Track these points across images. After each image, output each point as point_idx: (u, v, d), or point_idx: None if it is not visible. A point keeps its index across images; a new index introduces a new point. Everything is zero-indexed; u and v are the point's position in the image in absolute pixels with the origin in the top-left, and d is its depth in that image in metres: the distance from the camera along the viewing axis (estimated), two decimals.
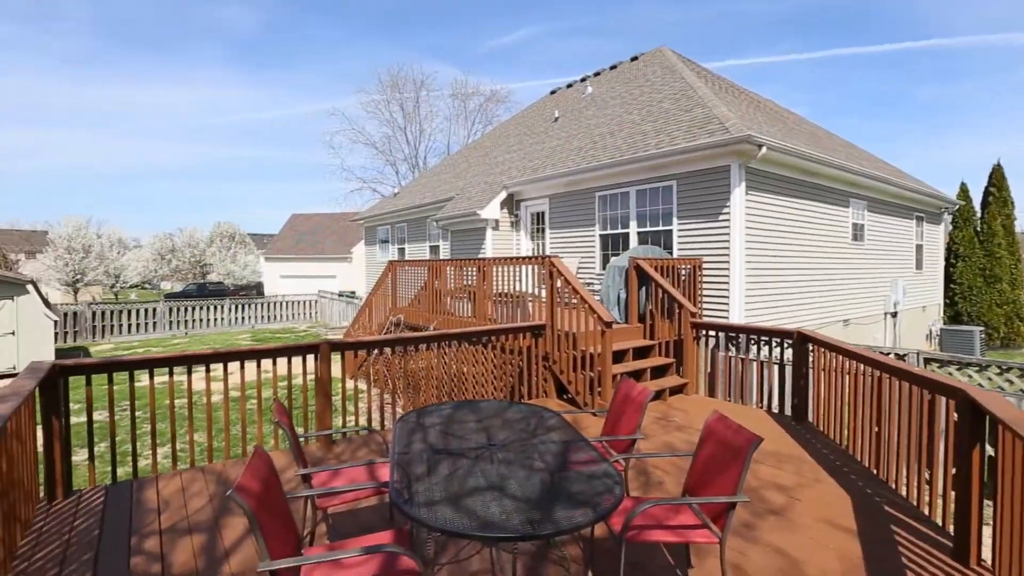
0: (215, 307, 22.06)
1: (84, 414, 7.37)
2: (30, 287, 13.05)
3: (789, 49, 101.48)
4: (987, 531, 2.91)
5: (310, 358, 4.72)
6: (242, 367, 4.41)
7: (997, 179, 16.11)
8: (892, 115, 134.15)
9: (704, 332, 6.74)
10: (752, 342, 6.25)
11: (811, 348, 5.28)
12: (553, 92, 18.57)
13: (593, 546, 2.92)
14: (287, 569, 2.02)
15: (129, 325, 19.77)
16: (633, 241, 9.69)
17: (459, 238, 13.82)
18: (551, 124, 14.96)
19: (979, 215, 16.29)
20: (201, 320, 21.45)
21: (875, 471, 4.08)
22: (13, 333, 12.68)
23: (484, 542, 2.77)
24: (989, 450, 3.36)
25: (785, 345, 5.75)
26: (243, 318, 22.62)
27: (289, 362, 4.70)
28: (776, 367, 5.89)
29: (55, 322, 13.57)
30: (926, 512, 3.46)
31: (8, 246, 36.89)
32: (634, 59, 15.17)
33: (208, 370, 4.35)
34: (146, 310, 20.30)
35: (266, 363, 6.00)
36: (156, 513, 3.53)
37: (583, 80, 16.96)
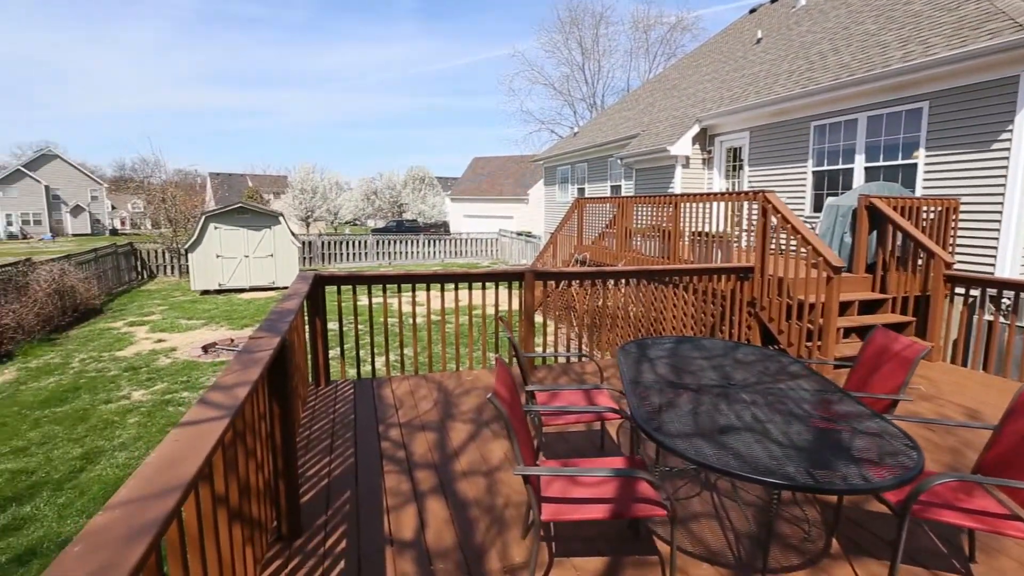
0: (411, 241, 24.57)
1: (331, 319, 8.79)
2: (281, 219, 15.78)
3: None
4: None
5: (513, 285, 4.92)
6: (456, 289, 4.77)
7: None
8: None
9: (964, 288, 5.54)
10: None
11: None
12: (753, 11, 16.30)
13: (840, 512, 2.61)
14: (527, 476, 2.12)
15: (346, 254, 23.02)
16: (858, 178, 8.24)
17: (644, 177, 13.19)
18: (752, 47, 13.17)
19: None
20: (400, 252, 24.11)
21: None
22: (271, 255, 15.60)
23: (763, 487, 2.61)
24: None
25: None
26: (433, 252, 24.86)
27: (496, 288, 4.95)
28: None
29: (298, 248, 16.34)
30: None
31: (262, 188, 45.14)
32: None
33: (429, 289, 4.77)
34: (359, 242, 23.41)
35: (459, 289, 6.46)
36: (394, 409, 4.05)
37: None
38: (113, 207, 56.83)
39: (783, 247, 5.77)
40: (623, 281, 5.62)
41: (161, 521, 0.97)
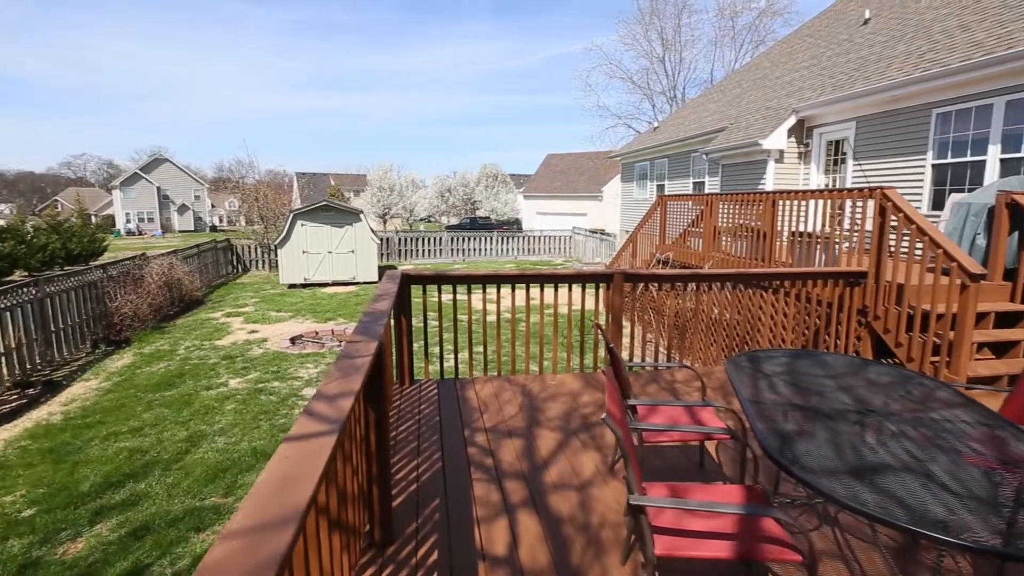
0: (485, 238, 24.78)
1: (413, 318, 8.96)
2: (362, 216, 16.35)
3: None
4: None
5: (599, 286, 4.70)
6: (541, 289, 4.62)
7: None
8: None
9: None
10: None
11: None
12: None
13: (1004, 571, 2.21)
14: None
15: (422, 251, 23.57)
16: (991, 172, 7.29)
17: (732, 173, 12.46)
18: (858, 29, 12.05)
19: None
20: (474, 249, 24.37)
21: None
22: (353, 251, 16.22)
23: (950, 548, 2.29)
24: None
25: None
26: (506, 249, 24.94)
27: (583, 289, 4.75)
28: None
29: (377, 244, 16.89)
30: None
31: (343, 186, 47.32)
32: None
33: (514, 289, 4.65)
34: (434, 239, 23.90)
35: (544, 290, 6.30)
36: (479, 412, 3.96)
37: None
38: (213, 205, 61.66)
39: (904, 250, 5.17)
40: (717, 284, 5.25)
41: (279, 558, 0.88)
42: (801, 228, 6.58)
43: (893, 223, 5.16)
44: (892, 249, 5.23)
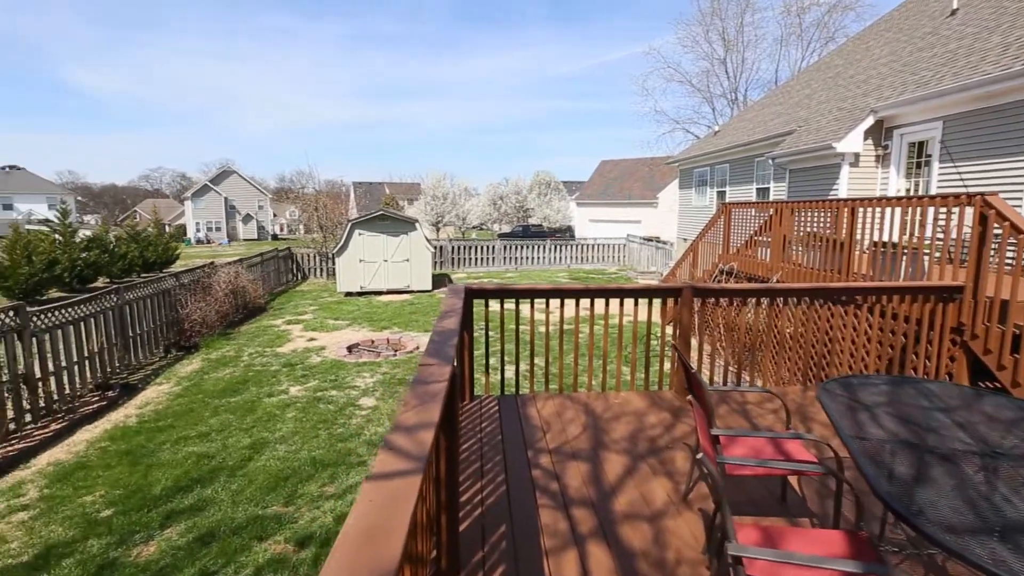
0: (538, 247, 24.68)
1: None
2: (417, 226, 16.60)
3: None
4: None
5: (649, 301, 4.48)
6: (606, 304, 4.45)
7: None
8: None
9: None
10: None
11: None
12: None
13: None
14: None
15: (474, 259, 23.72)
16: None
17: (801, 177, 11.84)
18: (944, 20, 11.22)
19: None
20: (527, 258, 24.31)
21: None
22: (407, 260, 16.49)
23: None
24: None
25: None
26: (559, 258, 24.74)
27: (650, 303, 4.55)
28: None
29: (432, 253, 17.11)
30: None
31: (397, 195, 48.48)
32: None
33: (579, 303, 4.51)
34: (487, 247, 24.02)
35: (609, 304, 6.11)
36: (541, 432, 3.83)
37: None
38: (274, 215, 64.59)
39: (1009, 263, 4.68)
40: (792, 299, 4.91)
41: None
42: (884, 237, 6.11)
43: (996, 232, 4.68)
44: (994, 261, 4.75)
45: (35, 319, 7.00)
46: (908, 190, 9.77)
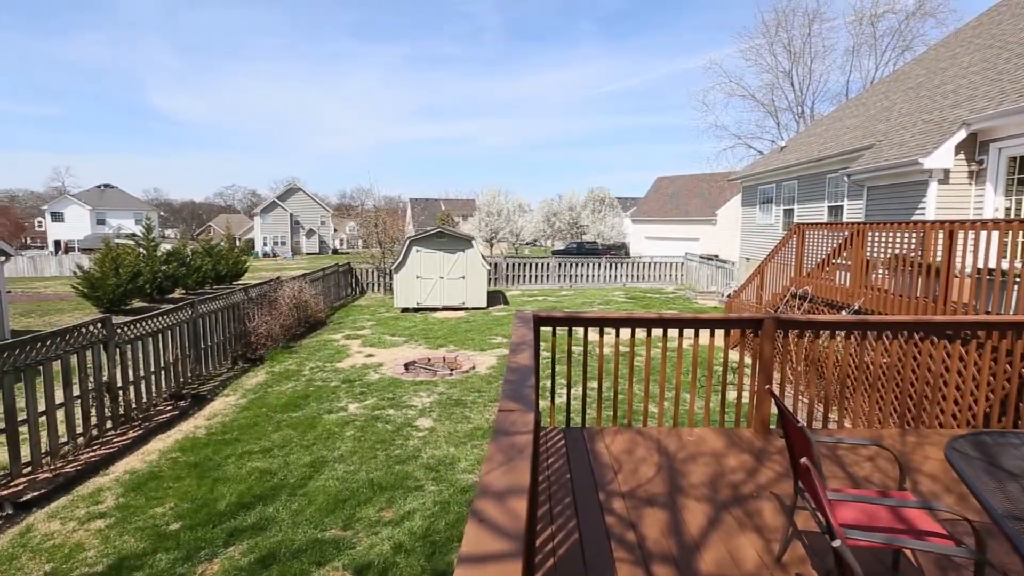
0: (593, 264, 24.31)
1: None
2: (473, 243, 16.68)
3: None
4: None
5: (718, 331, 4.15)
6: (680, 334, 4.17)
7: None
8: None
9: None
10: None
11: None
12: None
13: None
14: None
15: (529, 276, 23.62)
16: None
17: (880, 195, 11.07)
18: None
19: None
20: (581, 275, 23.99)
21: None
22: (463, 277, 16.57)
23: None
24: None
25: None
26: (615, 276, 24.27)
27: (727, 334, 4.23)
28: None
29: (488, 270, 17.12)
30: None
31: (453, 211, 49.30)
32: None
33: (648, 333, 4.25)
34: (541, 264, 23.88)
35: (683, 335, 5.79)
36: (612, 471, 3.59)
37: None
38: (335, 230, 67.11)
39: None
40: (887, 332, 4.46)
41: None
42: (991, 264, 5.52)
43: None
44: None
45: (120, 331, 7.38)
46: (1008, 209, 8.91)
